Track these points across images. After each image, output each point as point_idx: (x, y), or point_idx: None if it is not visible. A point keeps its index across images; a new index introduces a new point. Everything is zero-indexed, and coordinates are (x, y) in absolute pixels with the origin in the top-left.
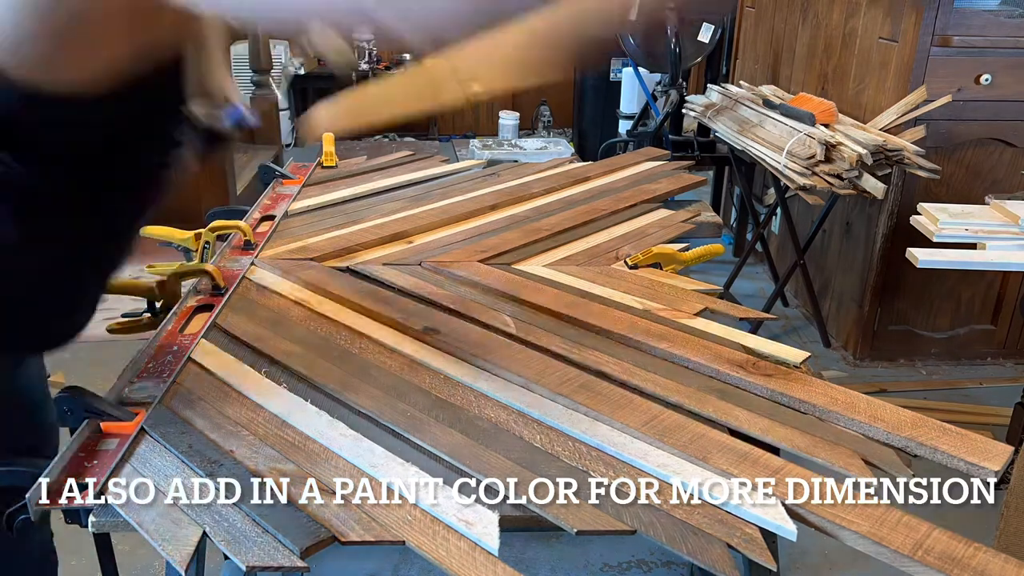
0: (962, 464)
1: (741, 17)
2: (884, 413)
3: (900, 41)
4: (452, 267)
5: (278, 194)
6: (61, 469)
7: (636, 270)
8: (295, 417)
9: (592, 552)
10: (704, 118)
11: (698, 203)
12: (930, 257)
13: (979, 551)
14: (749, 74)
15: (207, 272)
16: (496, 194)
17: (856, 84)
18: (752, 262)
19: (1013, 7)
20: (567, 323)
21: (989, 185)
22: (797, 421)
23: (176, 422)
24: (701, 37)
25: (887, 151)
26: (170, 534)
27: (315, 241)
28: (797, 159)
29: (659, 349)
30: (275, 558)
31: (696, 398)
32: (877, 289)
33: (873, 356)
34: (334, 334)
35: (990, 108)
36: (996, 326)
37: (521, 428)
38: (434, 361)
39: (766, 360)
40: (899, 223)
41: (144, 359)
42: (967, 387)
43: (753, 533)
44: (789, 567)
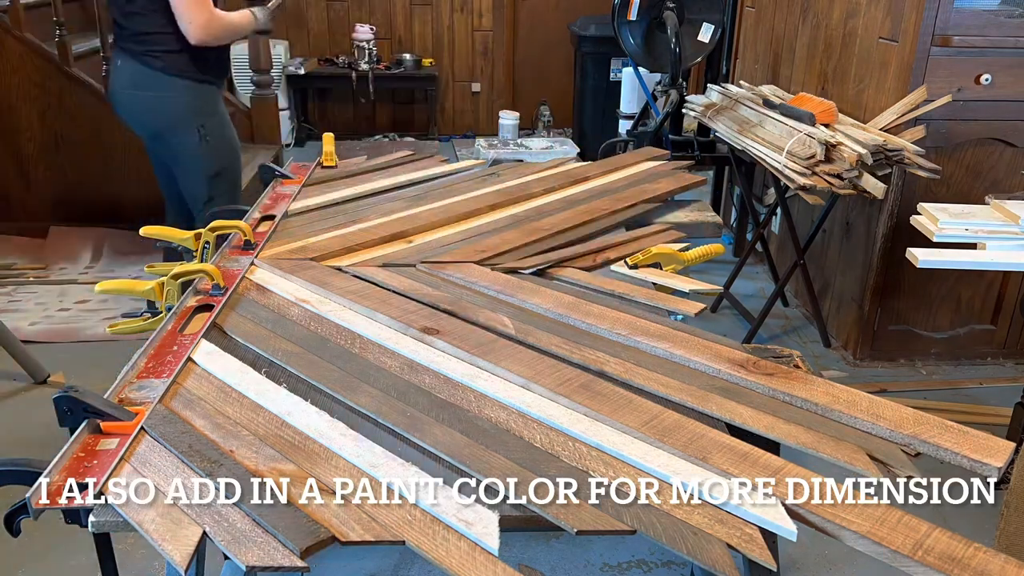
0: (964, 461)
1: (741, 17)
2: (886, 411)
3: (900, 41)
4: (451, 267)
5: (278, 194)
6: (61, 469)
7: (636, 270)
8: (295, 417)
9: (592, 552)
10: (704, 118)
11: (698, 203)
12: (930, 257)
13: (979, 551)
14: (749, 74)
15: (207, 272)
16: (496, 194)
17: (856, 84)
18: (752, 262)
19: (1013, 7)
20: (566, 323)
21: (989, 185)
22: (800, 418)
23: (176, 422)
24: (701, 37)
25: (887, 151)
26: (170, 534)
27: (315, 241)
28: (797, 159)
29: (659, 349)
30: (275, 558)
31: (699, 396)
32: (877, 289)
33: (873, 356)
34: (334, 334)
35: (990, 108)
36: (996, 326)
37: (521, 428)
38: (434, 361)
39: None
40: (899, 223)
41: (144, 359)
42: (967, 387)
43: (753, 533)
44: (790, 567)
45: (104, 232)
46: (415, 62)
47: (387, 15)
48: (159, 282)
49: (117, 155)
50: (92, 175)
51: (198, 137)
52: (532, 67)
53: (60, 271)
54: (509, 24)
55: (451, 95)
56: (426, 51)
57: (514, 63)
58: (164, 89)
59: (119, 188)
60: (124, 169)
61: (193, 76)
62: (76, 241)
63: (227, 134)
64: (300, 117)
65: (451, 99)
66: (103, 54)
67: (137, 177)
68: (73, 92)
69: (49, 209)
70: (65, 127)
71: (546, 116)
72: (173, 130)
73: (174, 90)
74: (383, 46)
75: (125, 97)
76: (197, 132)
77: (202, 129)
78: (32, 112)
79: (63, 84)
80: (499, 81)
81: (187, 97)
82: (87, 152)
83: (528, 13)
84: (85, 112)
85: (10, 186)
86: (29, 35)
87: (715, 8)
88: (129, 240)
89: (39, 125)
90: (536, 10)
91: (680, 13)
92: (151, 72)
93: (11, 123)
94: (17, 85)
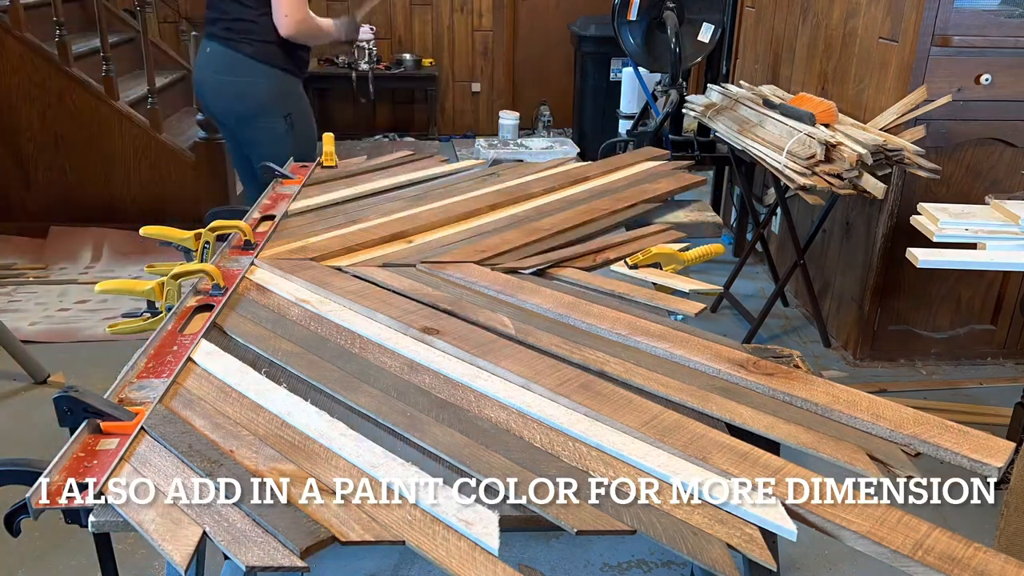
0: (964, 461)
1: (741, 17)
2: (886, 411)
3: (900, 41)
4: (451, 267)
5: (278, 194)
6: (61, 469)
7: (636, 270)
8: (295, 417)
9: (592, 552)
10: (704, 118)
11: (698, 203)
12: (930, 257)
13: (979, 551)
14: (749, 74)
15: (207, 272)
16: (496, 194)
17: (856, 84)
18: (752, 262)
19: (1013, 7)
20: (566, 323)
21: (989, 185)
22: (800, 418)
23: (176, 422)
24: (701, 37)
25: (887, 151)
26: (170, 534)
27: (315, 241)
28: (797, 159)
29: (659, 349)
30: (275, 558)
31: (699, 396)
32: (877, 289)
33: (873, 356)
34: (334, 334)
35: (990, 108)
36: (996, 326)
37: (521, 428)
38: (434, 361)
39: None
40: (899, 223)
41: (144, 359)
42: (967, 387)
43: (753, 533)
44: (789, 567)
45: (104, 232)
46: (415, 62)
47: (387, 15)
48: (159, 282)
49: (117, 155)
50: (92, 175)
51: (285, 125)
52: (532, 67)
53: (60, 271)
54: (509, 24)
55: (451, 95)
56: (426, 51)
57: (514, 63)
58: (254, 75)
59: (119, 188)
60: (124, 169)
61: (281, 66)
62: (76, 241)
63: (310, 124)
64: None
65: (451, 99)
66: (103, 54)
67: (137, 177)
68: (73, 92)
69: (49, 209)
70: (65, 127)
71: (546, 116)
72: (260, 116)
73: (263, 76)
74: (383, 46)
75: (214, 82)
76: (284, 120)
77: (289, 117)
78: (32, 112)
79: (63, 84)
80: (499, 81)
81: (275, 84)
82: (87, 152)
83: (528, 13)
84: (85, 112)
85: (10, 186)
86: (29, 35)
87: (715, 8)
88: (129, 240)
89: (39, 125)
90: (536, 10)
91: (680, 13)
92: (242, 58)
93: (11, 123)
94: (17, 85)
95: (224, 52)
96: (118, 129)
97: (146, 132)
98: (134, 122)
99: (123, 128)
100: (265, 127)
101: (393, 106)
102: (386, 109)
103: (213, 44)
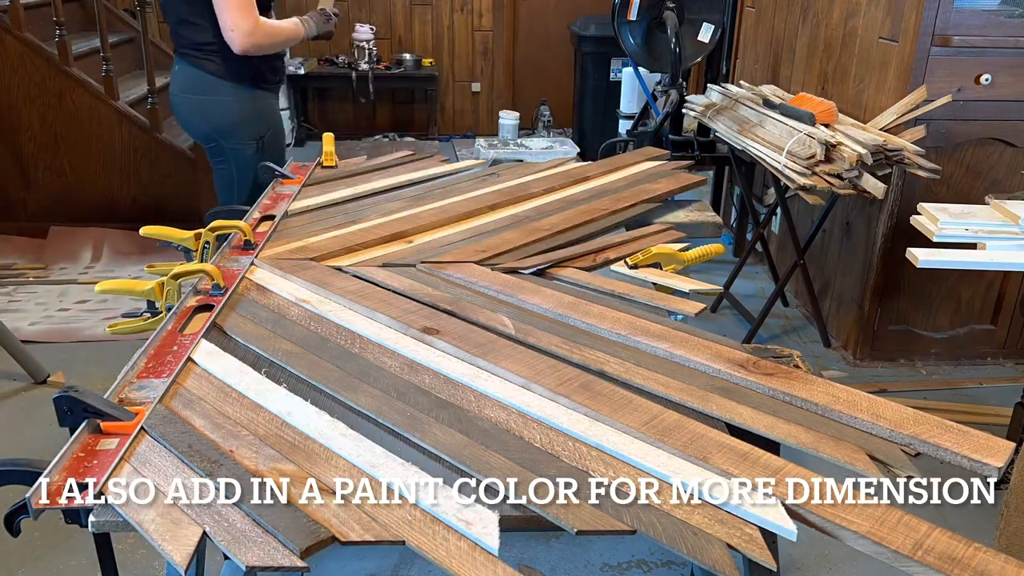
0: (964, 461)
1: (741, 17)
2: (886, 411)
3: (900, 41)
4: (451, 267)
5: (278, 194)
6: (61, 469)
7: (636, 270)
8: (295, 417)
9: (592, 552)
10: (704, 118)
11: (698, 203)
12: (930, 257)
13: (979, 551)
14: (749, 74)
15: (207, 272)
16: (496, 194)
17: (856, 84)
18: (752, 262)
19: (1013, 7)
20: (566, 323)
21: (989, 185)
22: (800, 418)
23: (176, 422)
24: (701, 37)
25: (887, 151)
26: (170, 534)
27: (315, 241)
28: (797, 159)
29: (659, 349)
30: (275, 558)
31: (699, 396)
32: (877, 289)
33: (873, 356)
34: (334, 334)
35: (990, 108)
36: (996, 326)
37: (521, 428)
38: (434, 361)
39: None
40: (899, 223)
41: (144, 359)
42: (967, 387)
43: (753, 533)
44: (789, 567)
45: (104, 232)
46: (415, 62)
47: (387, 15)
48: (159, 282)
49: (117, 155)
50: (92, 175)
51: (255, 148)
52: (532, 67)
53: (60, 271)
54: (509, 24)
55: (451, 95)
56: (426, 51)
57: (514, 63)
58: (221, 93)
59: (119, 188)
60: (124, 169)
61: (250, 82)
62: (76, 241)
63: (281, 144)
64: (300, 117)
65: (451, 99)
66: (103, 54)
67: (137, 177)
68: (73, 92)
69: (49, 209)
70: (65, 127)
71: (546, 116)
72: (228, 136)
73: (232, 95)
74: (383, 46)
75: (181, 101)
76: (256, 143)
77: (261, 141)
78: (32, 112)
79: (63, 84)
80: (499, 81)
81: (246, 104)
82: (87, 152)
83: (528, 13)
84: (85, 112)
85: (10, 186)
86: (29, 35)
87: (715, 8)
88: (129, 240)
89: (39, 125)
90: (536, 10)
91: (680, 13)
92: (206, 76)
93: (11, 123)
94: (17, 85)
95: (191, 71)
96: (118, 129)
97: (146, 132)
98: (134, 122)
99: (123, 128)
100: (235, 148)
101: (393, 106)
102: (386, 109)
103: (181, 63)
